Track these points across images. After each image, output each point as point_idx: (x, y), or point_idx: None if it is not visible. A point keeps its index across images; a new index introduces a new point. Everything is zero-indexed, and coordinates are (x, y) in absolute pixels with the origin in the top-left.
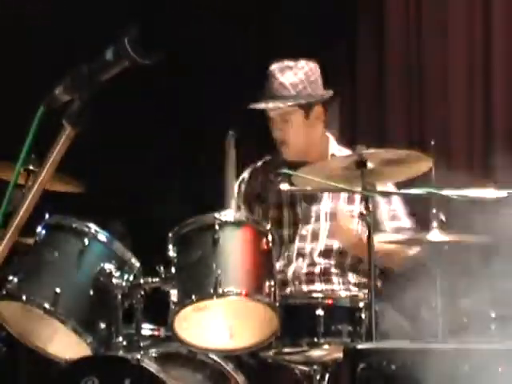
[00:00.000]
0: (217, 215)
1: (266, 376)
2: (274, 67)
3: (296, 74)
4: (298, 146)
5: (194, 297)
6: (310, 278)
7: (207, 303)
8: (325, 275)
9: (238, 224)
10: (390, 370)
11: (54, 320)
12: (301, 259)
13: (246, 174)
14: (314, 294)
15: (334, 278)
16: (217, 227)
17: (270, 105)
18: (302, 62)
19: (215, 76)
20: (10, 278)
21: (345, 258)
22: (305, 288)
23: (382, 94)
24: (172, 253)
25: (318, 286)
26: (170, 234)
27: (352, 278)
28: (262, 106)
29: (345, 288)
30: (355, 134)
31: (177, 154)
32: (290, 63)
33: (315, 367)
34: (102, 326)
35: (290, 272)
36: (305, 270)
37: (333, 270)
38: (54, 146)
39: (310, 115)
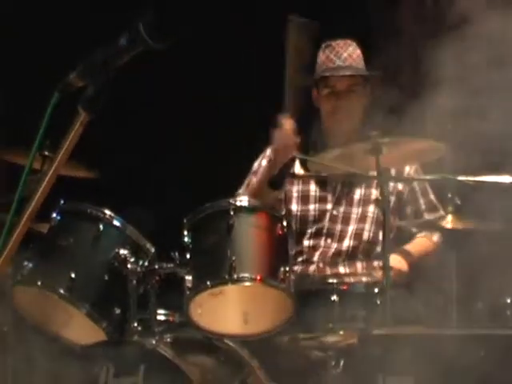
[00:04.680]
0: (231, 200)
1: (281, 361)
2: (335, 43)
3: (355, 51)
4: (356, 117)
5: (208, 282)
6: (336, 260)
7: (222, 289)
8: (350, 259)
9: (252, 209)
10: (405, 356)
11: (69, 305)
12: (330, 239)
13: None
14: (330, 280)
15: (358, 263)
16: (231, 213)
17: (352, 72)
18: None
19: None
20: (25, 263)
21: (373, 246)
22: (328, 271)
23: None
24: (187, 238)
25: (342, 269)
26: (185, 220)
27: (375, 263)
28: (346, 72)
29: (367, 272)
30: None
31: (192, 140)
32: (345, 41)
33: (330, 353)
34: (117, 311)
35: (317, 252)
36: (332, 252)
37: (359, 255)
38: (68, 131)
39: (366, 92)
